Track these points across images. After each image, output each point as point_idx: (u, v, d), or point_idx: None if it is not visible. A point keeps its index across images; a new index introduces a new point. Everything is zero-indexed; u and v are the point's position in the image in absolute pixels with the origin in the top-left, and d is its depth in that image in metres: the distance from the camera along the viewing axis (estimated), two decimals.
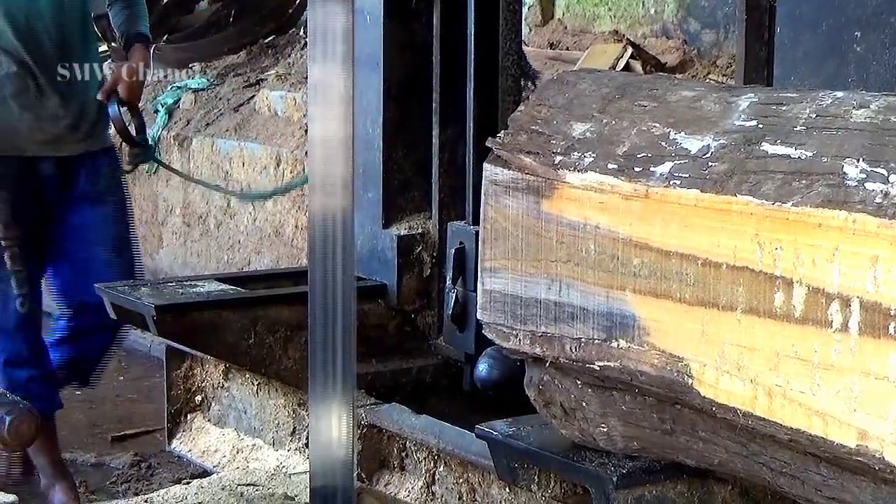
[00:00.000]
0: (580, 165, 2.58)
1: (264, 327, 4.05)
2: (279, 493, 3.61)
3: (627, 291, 2.50)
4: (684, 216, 2.40)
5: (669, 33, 7.64)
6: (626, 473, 2.80)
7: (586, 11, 8.27)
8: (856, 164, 2.20)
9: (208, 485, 3.61)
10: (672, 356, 2.43)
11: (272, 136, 7.97)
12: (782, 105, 2.41)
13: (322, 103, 3.03)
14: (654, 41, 7.73)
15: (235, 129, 8.09)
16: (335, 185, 3.03)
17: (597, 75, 2.78)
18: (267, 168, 7.81)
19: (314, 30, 3.00)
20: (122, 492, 4.61)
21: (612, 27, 7.93)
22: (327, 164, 3.03)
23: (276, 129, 7.99)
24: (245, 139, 7.90)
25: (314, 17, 2.99)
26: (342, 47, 2.98)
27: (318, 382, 3.12)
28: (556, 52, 7.98)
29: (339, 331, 3.07)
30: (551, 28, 8.39)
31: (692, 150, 2.44)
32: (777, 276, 2.25)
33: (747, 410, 2.32)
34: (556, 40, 8.22)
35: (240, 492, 3.53)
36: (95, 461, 4.99)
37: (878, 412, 2.12)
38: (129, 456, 4.97)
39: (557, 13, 8.48)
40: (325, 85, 3.01)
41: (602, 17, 8.17)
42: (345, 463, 3.16)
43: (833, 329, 2.18)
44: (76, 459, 4.99)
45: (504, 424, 3.07)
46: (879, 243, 2.11)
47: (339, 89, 3.00)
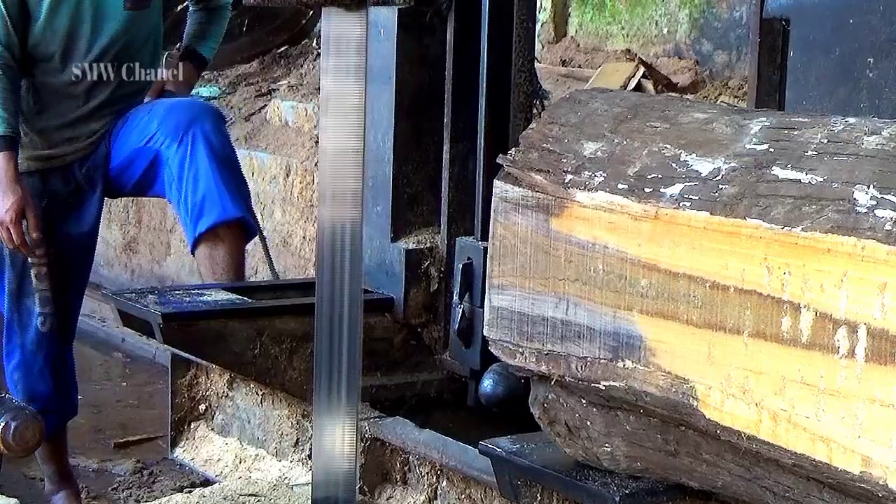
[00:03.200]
0: (590, 185, 2.58)
1: (270, 338, 4.05)
2: None
3: (635, 312, 2.50)
4: (693, 238, 2.40)
5: (682, 53, 7.65)
6: (628, 493, 2.79)
7: (599, 30, 8.28)
8: (866, 190, 2.20)
9: (210, 494, 3.63)
10: (678, 378, 2.43)
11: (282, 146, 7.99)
12: (794, 130, 2.41)
13: (334, 115, 3.04)
14: (667, 61, 7.74)
15: (246, 139, 8.11)
16: (345, 197, 3.04)
17: (609, 95, 2.78)
18: (276, 178, 7.81)
19: (328, 41, 3.01)
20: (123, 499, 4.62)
21: (625, 46, 7.95)
22: (338, 176, 3.04)
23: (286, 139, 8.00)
24: (255, 148, 7.92)
25: (328, 28, 3.00)
26: (356, 59, 2.99)
27: (323, 394, 3.13)
28: (568, 69, 8.00)
29: (345, 343, 3.08)
30: (564, 45, 8.40)
31: (703, 173, 2.45)
32: (785, 300, 2.25)
33: (752, 434, 2.32)
34: (569, 58, 8.23)
35: (242, 502, 3.54)
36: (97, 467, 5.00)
37: (883, 439, 2.12)
38: (132, 463, 4.98)
39: (570, 31, 8.49)
40: (338, 96, 3.02)
41: (615, 36, 8.17)
42: (347, 476, 3.17)
43: (840, 355, 2.18)
44: (78, 465, 5.00)
45: (508, 441, 3.07)
46: (888, 270, 2.11)
47: (352, 101, 3.01)
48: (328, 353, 3.11)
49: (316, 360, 3.13)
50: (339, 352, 3.10)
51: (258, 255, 7.58)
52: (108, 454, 5.17)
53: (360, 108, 3.03)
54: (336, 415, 3.15)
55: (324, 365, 3.12)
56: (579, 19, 8.40)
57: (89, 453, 5.18)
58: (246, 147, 7.85)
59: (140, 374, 6.77)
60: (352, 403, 3.13)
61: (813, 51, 3.10)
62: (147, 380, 6.63)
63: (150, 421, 5.53)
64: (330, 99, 3.04)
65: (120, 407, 6.08)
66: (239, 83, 8.98)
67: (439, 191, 4.09)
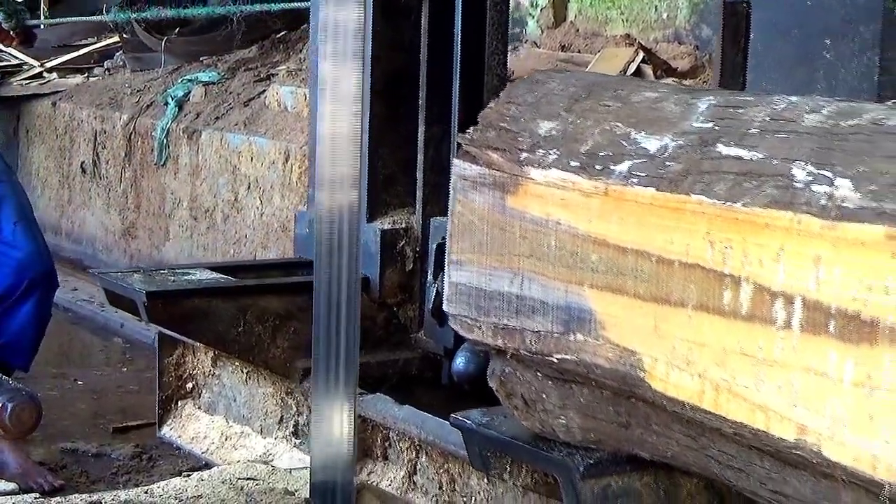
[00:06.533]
0: (544, 162, 2.65)
1: (253, 316, 4.12)
2: (279, 487, 3.63)
3: (585, 286, 2.57)
4: (640, 214, 2.46)
5: (681, 38, 7.66)
6: (593, 463, 2.85)
7: (599, 14, 8.28)
8: (804, 166, 2.26)
9: (209, 478, 3.64)
10: (626, 350, 2.50)
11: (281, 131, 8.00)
12: (739, 108, 2.47)
13: (332, 100, 3.05)
14: (666, 46, 7.74)
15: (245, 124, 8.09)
16: (343, 182, 3.06)
17: (565, 75, 2.84)
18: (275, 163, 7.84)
19: (325, 26, 3.01)
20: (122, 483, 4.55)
21: (624, 31, 7.94)
22: (336, 161, 3.06)
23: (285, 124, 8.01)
24: (254, 134, 7.91)
25: (326, 13, 3.00)
26: (354, 44, 3.00)
27: (321, 378, 3.16)
28: (567, 54, 8.00)
29: (342, 327, 3.12)
30: (563, 30, 8.39)
31: (651, 150, 2.51)
32: (726, 274, 2.31)
33: (695, 404, 2.38)
34: (568, 43, 8.22)
35: (240, 486, 3.54)
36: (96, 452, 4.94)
37: (817, 408, 2.18)
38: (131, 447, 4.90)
39: (570, 16, 8.49)
40: (336, 82, 3.03)
41: (614, 21, 8.17)
42: (345, 459, 3.20)
43: (777, 326, 2.24)
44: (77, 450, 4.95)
45: (479, 414, 3.13)
46: (822, 244, 2.17)
47: (350, 87, 3.02)
48: (326, 338, 3.15)
49: (314, 345, 3.16)
50: (338, 336, 3.15)
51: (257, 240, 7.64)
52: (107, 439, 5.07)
53: (358, 93, 3.04)
54: (334, 399, 3.19)
55: (322, 350, 3.15)
56: (579, 4, 8.40)
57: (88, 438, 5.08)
58: (245, 132, 7.86)
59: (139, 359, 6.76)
60: (350, 387, 3.16)
61: (772, 33, 3.16)
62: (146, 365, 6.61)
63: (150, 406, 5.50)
64: (328, 84, 3.04)
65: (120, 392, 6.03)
66: (238, 68, 8.96)
67: (414, 172, 4.15)
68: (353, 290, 3.11)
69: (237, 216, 7.77)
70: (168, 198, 8.37)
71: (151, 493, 3.55)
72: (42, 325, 4.86)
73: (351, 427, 3.22)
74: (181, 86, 8.73)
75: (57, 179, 9.61)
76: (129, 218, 8.84)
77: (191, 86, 8.71)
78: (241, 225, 7.72)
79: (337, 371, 3.17)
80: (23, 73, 9.95)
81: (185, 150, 8.22)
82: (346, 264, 3.11)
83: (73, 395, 5.90)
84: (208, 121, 8.21)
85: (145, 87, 9.20)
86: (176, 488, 3.56)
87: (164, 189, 8.41)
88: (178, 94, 8.61)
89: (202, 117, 8.29)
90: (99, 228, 9.17)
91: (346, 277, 3.11)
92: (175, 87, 8.74)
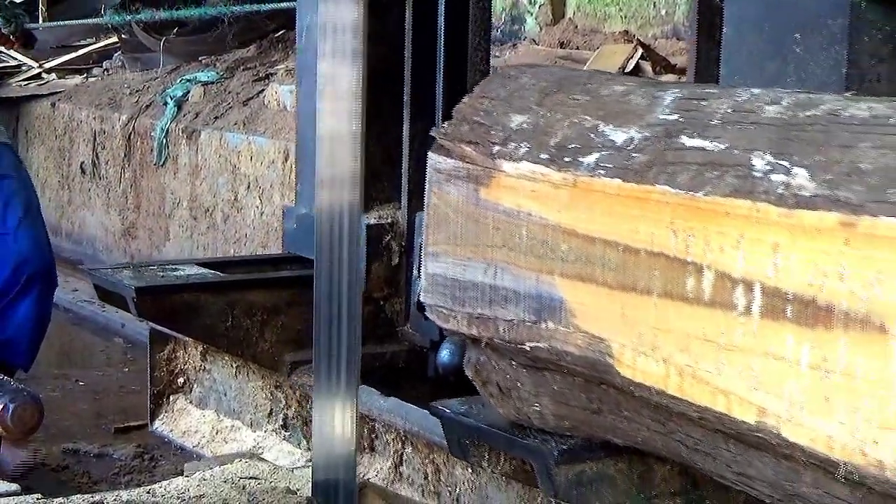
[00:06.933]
0: (515, 155, 2.71)
1: (241, 311, 4.19)
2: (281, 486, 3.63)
3: (555, 276, 2.63)
4: (608, 204, 2.52)
5: (680, 34, 7.69)
6: (567, 450, 2.91)
7: (597, 11, 8.32)
8: (763, 156, 2.31)
9: (211, 477, 3.65)
10: (595, 337, 2.56)
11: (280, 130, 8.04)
12: (703, 100, 2.53)
13: (330, 98, 3.07)
14: (665, 42, 7.78)
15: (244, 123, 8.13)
16: (343, 181, 3.09)
17: (538, 70, 2.90)
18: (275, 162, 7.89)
19: (324, 24, 3.03)
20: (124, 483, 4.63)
21: (623, 27, 7.99)
22: (335, 160, 3.08)
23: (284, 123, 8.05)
24: (253, 133, 7.95)
25: (324, 11, 3.02)
26: (351, 43, 3.02)
27: (322, 377, 3.19)
28: (566, 51, 8.05)
29: (343, 325, 3.15)
30: (562, 27, 8.44)
31: (618, 142, 2.57)
32: (689, 261, 2.37)
33: (661, 389, 2.44)
34: (567, 40, 8.27)
35: (242, 485, 3.56)
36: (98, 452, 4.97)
37: (776, 391, 2.24)
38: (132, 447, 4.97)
39: (568, 12, 8.53)
40: (334, 80, 3.04)
41: (613, 17, 8.22)
42: (347, 457, 3.22)
43: (737, 312, 2.29)
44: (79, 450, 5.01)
45: (458, 403, 3.19)
46: (780, 231, 2.22)
47: (348, 84, 3.04)
48: (327, 336, 3.15)
49: (315, 343, 3.17)
50: (339, 335, 3.15)
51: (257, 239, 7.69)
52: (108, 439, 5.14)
53: (356, 91, 3.05)
54: (336, 398, 3.19)
55: (323, 348, 3.15)
56: (577, 1, 8.45)
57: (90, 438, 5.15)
58: (244, 132, 7.90)
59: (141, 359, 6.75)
60: (351, 386, 3.18)
61: (745, 27, 3.20)
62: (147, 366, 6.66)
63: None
64: (326, 82, 3.06)
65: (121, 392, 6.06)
66: (236, 67, 9.01)
67: (400, 167, 4.21)
68: (353, 289, 3.14)
69: (237, 215, 7.83)
70: (168, 198, 8.44)
71: (153, 493, 3.55)
72: (42, 323, 4.88)
73: (353, 425, 3.24)
74: (180, 86, 8.79)
75: (56, 180, 9.66)
76: (129, 218, 8.90)
77: (190, 86, 8.76)
78: (242, 224, 7.77)
79: (338, 370, 3.19)
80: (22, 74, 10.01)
81: (185, 149, 8.27)
82: (346, 262, 3.12)
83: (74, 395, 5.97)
84: (207, 120, 8.27)
85: (144, 88, 9.25)
86: (178, 488, 3.57)
87: (164, 189, 8.46)
88: (177, 94, 8.67)
89: (201, 117, 8.35)
90: (99, 229, 9.22)
91: (347, 276, 3.13)
92: (174, 87, 8.79)
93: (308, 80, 4.58)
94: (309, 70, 4.60)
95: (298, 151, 4.70)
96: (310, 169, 4.61)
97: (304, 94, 4.64)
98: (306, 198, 4.55)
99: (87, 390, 6.02)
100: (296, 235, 4.51)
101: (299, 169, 4.67)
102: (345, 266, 3.11)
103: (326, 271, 3.10)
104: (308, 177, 4.60)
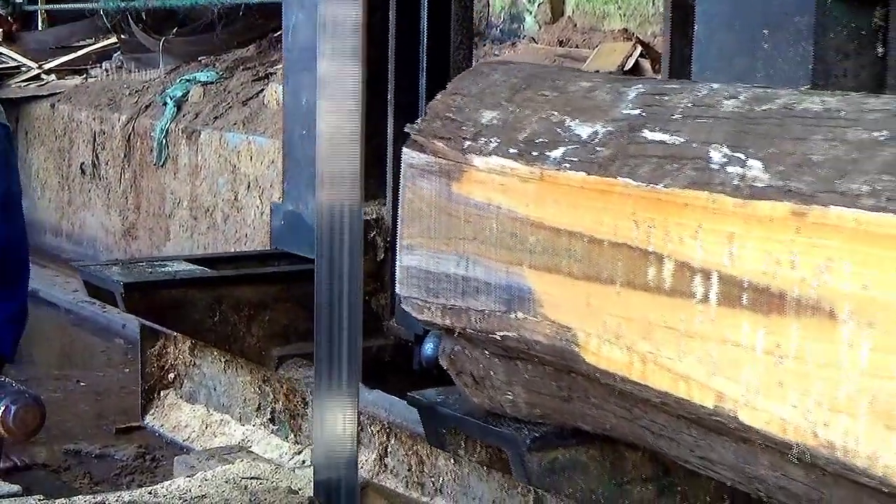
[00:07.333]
0: (485, 150, 2.78)
1: (229, 306, 4.25)
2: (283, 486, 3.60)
3: (524, 267, 2.70)
4: (573, 197, 2.59)
5: None
6: (539, 437, 2.98)
7: (596, 9, 8.32)
8: (720, 149, 2.39)
9: (212, 477, 3.62)
10: (562, 326, 2.63)
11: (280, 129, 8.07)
12: (665, 95, 2.60)
13: (330, 97, 3.10)
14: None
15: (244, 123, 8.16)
16: (343, 179, 3.07)
17: (508, 67, 2.97)
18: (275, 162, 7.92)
19: (324, 24, 3.03)
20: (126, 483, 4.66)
21: (622, 26, 7.99)
22: (335, 159, 3.08)
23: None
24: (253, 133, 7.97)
25: (324, 10, 3.03)
26: (351, 42, 3.04)
27: (323, 377, 3.18)
28: (565, 49, 8.06)
29: (345, 325, 3.14)
30: (561, 26, 8.44)
31: (583, 136, 2.64)
32: (650, 252, 2.44)
33: (624, 376, 2.51)
34: (566, 38, 8.27)
35: (244, 485, 3.55)
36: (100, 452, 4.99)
37: (733, 376, 2.31)
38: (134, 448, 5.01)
39: (567, 11, 8.53)
40: (334, 79, 3.04)
41: (612, 16, 8.22)
42: (349, 457, 3.23)
43: (696, 300, 2.36)
44: (80, 451, 5.05)
45: (435, 393, 3.26)
46: (735, 222, 2.29)
47: (348, 83, 3.06)
48: (328, 336, 3.15)
49: (316, 343, 3.17)
50: (340, 335, 3.15)
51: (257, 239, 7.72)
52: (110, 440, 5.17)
53: (356, 90, 3.05)
54: (337, 397, 3.18)
55: (324, 348, 3.15)
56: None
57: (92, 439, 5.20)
58: (244, 131, 7.92)
59: None
60: (353, 386, 3.18)
61: (715, 24, 3.27)
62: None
63: None
64: (326, 82, 3.06)
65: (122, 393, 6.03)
66: (236, 67, 9.03)
67: (385, 165, 4.27)
68: (354, 289, 3.13)
69: (237, 215, 7.85)
70: (168, 198, 8.47)
71: (155, 493, 3.51)
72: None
73: (354, 425, 3.22)
74: (179, 86, 8.82)
75: (57, 181, 9.70)
76: (130, 218, 8.93)
77: (189, 86, 8.79)
78: (242, 224, 7.80)
79: (339, 369, 3.19)
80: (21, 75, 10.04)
81: (185, 149, 8.30)
82: (347, 263, 3.11)
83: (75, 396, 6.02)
84: (207, 120, 8.31)
85: (144, 88, 9.29)
86: (180, 488, 3.54)
87: (164, 189, 8.49)
88: (176, 94, 8.70)
89: (201, 117, 8.38)
90: (99, 229, 9.26)
91: (348, 276, 3.12)
92: (173, 88, 8.82)
93: (294, 79, 4.66)
94: (295, 69, 4.67)
95: (284, 149, 4.78)
96: (296, 166, 4.70)
97: (291, 93, 4.70)
98: (293, 195, 4.63)
99: (89, 391, 6.06)
100: (283, 232, 4.58)
101: (286, 167, 4.74)
102: (345, 266, 3.11)
103: (327, 272, 3.12)
104: (294, 174, 4.68)
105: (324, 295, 3.10)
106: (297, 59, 4.66)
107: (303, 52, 4.56)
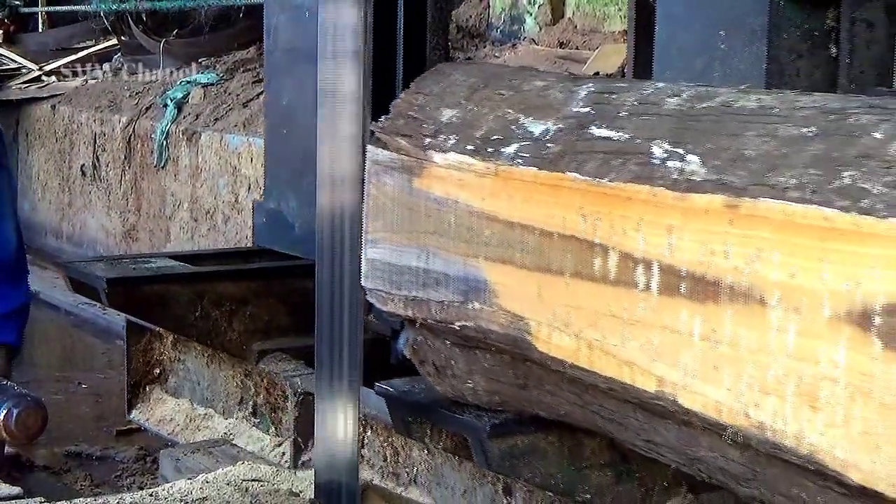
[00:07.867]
0: (444, 147, 2.88)
1: (210, 301, 4.35)
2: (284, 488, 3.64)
3: (480, 259, 2.80)
4: (525, 192, 2.70)
5: None
6: (498, 424, 3.08)
7: (597, 11, 8.37)
8: (661, 144, 2.49)
9: (213, 479, 3.64)
10: (515, 316, 2.73)
11: None
12: (613, 94, 2.70)
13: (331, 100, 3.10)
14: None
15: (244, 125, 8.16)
16: (344, 182, 3.11)
17: (468, 67, 3.08)
18: None
19: (324, 26, 3.06)
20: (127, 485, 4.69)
21: (622, 27, 7.97)
22: (336, 161, 3.12)
23: None
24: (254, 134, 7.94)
25: (325, 13, 3.06)
26: (353, 43, 3.08)
27: (325, 379, 3.20)
28: (566, 51, 8.11)
29: (345, 329, 3.16)
30: (561, 27, 8.49)
31: (535, 133, 2.74)
32: (597, 243, 2.54)
33: (573, 362, 2.61)
34: (566, 40, 8.33)
35: (245, 487, 3.57)
36: (101, 454, 5.06)
37: (672, 361, 2.41)
38: (134, 450, 5.05)
39: (568, 12, 8.58)
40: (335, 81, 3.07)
41: (612, 17, 8.27)
42: (350, 459, 3.25)
43: (639, 289, 2.46)
44: (81, 453, 5.09)
45: (401, 382, 3.35)
46: (674, 214, 2.39)
47: (350, 86, 3.09)
48: (329, 339, 3.16)
49: (317, 345, 3.18)
50: (341, 337, 3.17)
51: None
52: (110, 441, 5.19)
53: (358, 92, 3.07)
54: (338, 400, 3.19)
55: (325, 350, 3.16)
56: (577, 1, 8.51)
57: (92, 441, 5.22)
58: (244, 133, 7.94)
59: None
60: (353, 388, 3.20)
61: (674, 25, 3.38)
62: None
63: None
64: (327, 84, 3.09)
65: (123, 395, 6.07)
66: (236, 69, 9.07)
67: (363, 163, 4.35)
68: (355, 291, 3.15)
69: (238, 217, 7.87)
70: (168, 200, 8.52)
71: (156, 495, 3.52)
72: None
73: (355, 427, 3.24)
74: (180, 87, 8.86)
75: (57, 183, 9.77)
76: (130, 220, 8.98)
77: (190, 87, 8.83)
78: (243, 226, 7.78)
79: (341, 372, 3.19)
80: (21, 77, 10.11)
81: (185, 151, 8.33)
82: (347, 265, 3.13)
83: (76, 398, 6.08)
84: (208, 122, 8.35)
85: (144, 90, 9.35)
86: (181, 490, 3.54)
87: (165, 191, 8.52)
88: (177, 95, 8.74)
89: (201, 119, 8.43)
90: (100, 231, 9.32)
91: (349, 279, 3.14)
92: (174, 89, 8.87)
93: (276, 80, 4.75)
94: (277, 69, 4.76)
95: (266, 148, 4.86)
96: (277, 166, 4.79)
97: (273, 93, 4.80)
98: (274, 193, 4.72)
99: (89, 393, 6.12)
100: (265, 230, 4.68)
101: (267, 166, 4.83)
102: (346, 269, 3.13)
103: (328, 274, 3.13)
104: (276, 173, 4.77)
105: (324, 296, 3.10)
106: (278, 60, 4.75)
107: (284, 54, 4.66)
